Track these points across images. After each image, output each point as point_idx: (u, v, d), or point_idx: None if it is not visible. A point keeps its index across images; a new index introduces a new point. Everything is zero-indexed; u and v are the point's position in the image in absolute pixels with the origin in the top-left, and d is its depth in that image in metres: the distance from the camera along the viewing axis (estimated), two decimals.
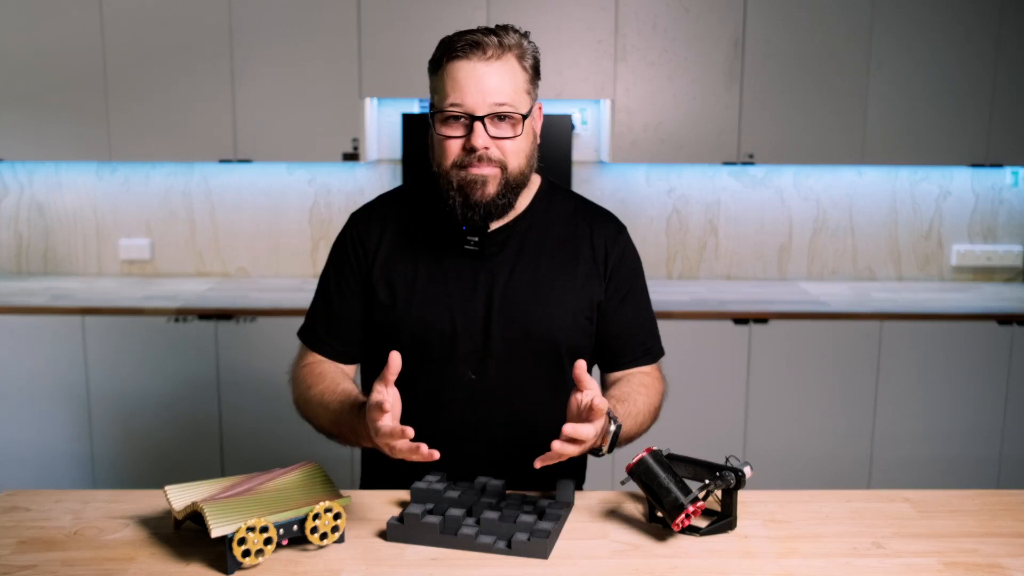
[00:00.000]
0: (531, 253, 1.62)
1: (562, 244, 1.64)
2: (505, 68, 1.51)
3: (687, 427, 3.23)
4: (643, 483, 1.44)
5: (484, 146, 1.50)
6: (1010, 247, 3.79)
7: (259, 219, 3.73)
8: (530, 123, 1.57)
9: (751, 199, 3.74)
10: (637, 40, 3.36)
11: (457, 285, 1.61)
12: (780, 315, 3.24)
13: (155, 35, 3.33)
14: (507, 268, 1.61)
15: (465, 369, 1.60)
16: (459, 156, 1.52)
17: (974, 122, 3.40)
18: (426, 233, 1.64)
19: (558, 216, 1.66)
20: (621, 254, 1.67)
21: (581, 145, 3.68)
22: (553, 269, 1.62)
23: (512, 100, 1.51)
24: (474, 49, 1.49)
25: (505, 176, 1.53)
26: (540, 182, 1.69)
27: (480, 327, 1.60)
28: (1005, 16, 3.34)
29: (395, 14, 3.31)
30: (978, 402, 3.28)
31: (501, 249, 1.61)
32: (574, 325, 1.63)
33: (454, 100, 1.49)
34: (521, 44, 1.54)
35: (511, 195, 1.56)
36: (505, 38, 1.52)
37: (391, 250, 1.64)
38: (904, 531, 1.46)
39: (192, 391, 3.24)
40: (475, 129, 1.49)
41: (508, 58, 1.52)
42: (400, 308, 1.61)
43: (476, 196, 1.52)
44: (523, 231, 1.63)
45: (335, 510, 1.38)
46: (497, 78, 1.50)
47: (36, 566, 1.33)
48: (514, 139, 1.52)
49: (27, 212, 3.73)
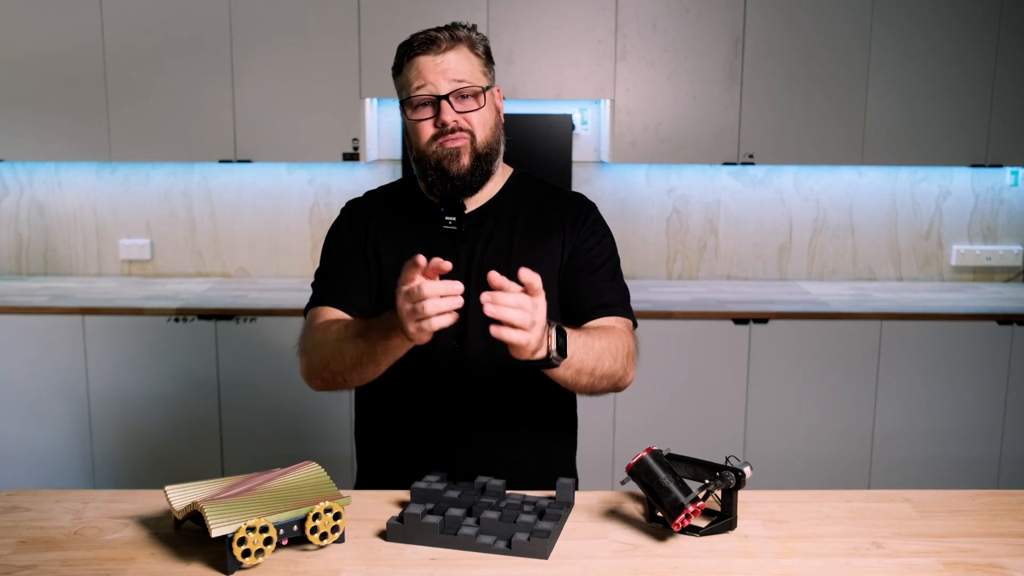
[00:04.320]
0: (504, 230, 1.74)
1: (533, 221, 1.76)
2: (459, 55, 1.66)
3: (687, 427, 3.24)
4: (643, 483, 1.44)
5: (453, 120, 1.64)
6: (1010, 247, 3.79)
7: (259, 219, 3.73)
8: (491, 99, 1.70)
9: (751, 199, 3.74)
10: (637, 40, 3.36)
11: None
12: (780, 315, 3.24)
13: (155, 35, 3.33)
14: (482, 243, 1.72)
15: (448, 337, 1.67)
16: (432, 133, 1.66)
17: (974, 122, 3.40)
18: (411, 219, 1.76)
19: (529, 198, 1.78)
20: (585, 220, 1.77)
21: (581, 145, 3.68)
22: (525, 242, 1.73)
23: (470, 78, 1.66)
24: (429, 45, 1.64)
25: (475, 146, 1.66)
26: (513, 171, 1.82)
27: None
28: (1005, 16, 3.34)
29: (395, 14, 3.31)
30: (978, 402, 3.28)
31: (476, 228, 1.73)
32: (547, 295, 1.64)
33: (418, 85, 1.65)
34: (471, 36, 1.69)
35: (483, 165, 1.68)
36: (455, 32, 1.67)
37: (379, 233, 1.76)
38: (904, 531, 1.46)
39: (192, 391, 3.24)
40: (442, 107, 1.64)
41: (460, 47, 1.66)
42: (387, 284, 1.71)
43: (452, 170, 1.66)
44: (496, 212, 1.75)
45: (335, 510, 1.38)
46: (454, 62, 1.65)
47: (36, 566, 1.33)
48: (478, 111, 1.66)
49: (27, 212, 3.73)
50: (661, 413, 3.21)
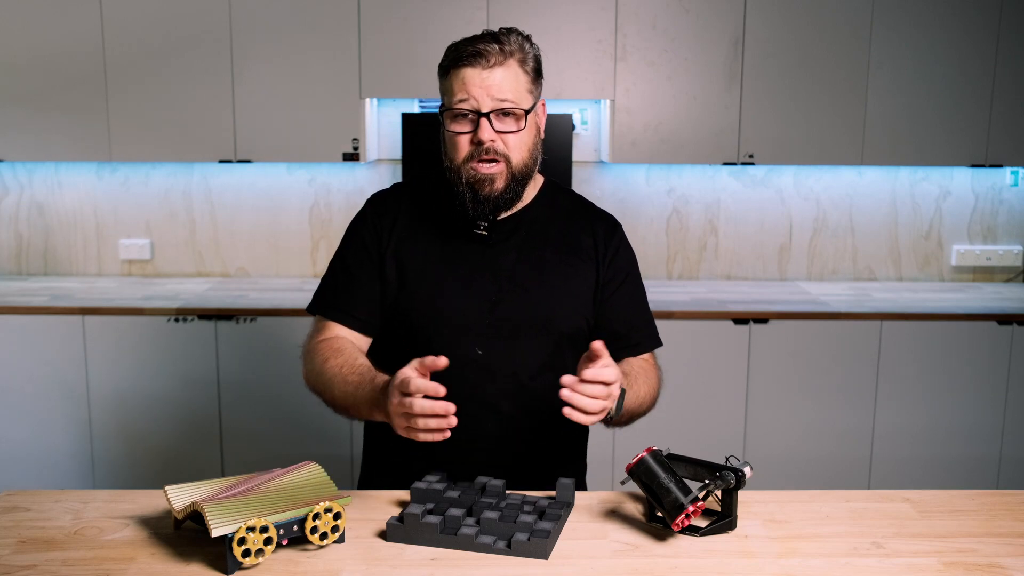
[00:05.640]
0: (535, 241, 1.73)
1: (563, 235, 1.75)
2: (507, 71, 1.61)
3: (687, 427, 3.24)
4: (643, 483, 1.44)
5: (491, 139, 1.61)
6: (1010, 247, 3.79)
7: (259, 219, 3.73)
8: (533, 118, 1.67)
9: (751, 199, 3.74)
10: (637, 40, 3.36)
11: (466, 267, 1.70)
12: (780, 315, 3.24)
13: (155, 35, 3.33)
14: (513, 253, 1.71)
15: (472, 346, 1.67)
16: (468, 150, 1.63)
17: (974, 122, 3.40)
18: (438, 219, 1.74)
19: (560, 211, 1.78)
20: (617, 247, 1.78)
21: (581, 145, 3.68)
22: (555, 257, 1.73)
23: (514, 97, 1.62)
24: (478, 58, 1.60)
25: (510, 170, 1.64)
26: (544, 180, 1.81)
27: (488, 306, 1.68)
28: (1005, 16, 3.34)
29: (395, 14, 3.31)
30: (978, 402, 3.28)
31: (507, 236, 1.72)
32: (573, 309, 1.73)
33: (461, 98, 1.61)
34: (523, 47, 1.64)
35: (517, 188, 1.67)
36: (507, 44, 1.62)
37: (405, 232, 1.73)
38: (904, 531, 1.46)
39: (192, 391, 3.24)
40: (481, 124, 1.60)
41: (510, 63, 1.62)
42: (411, 287, 1.70)
43: (485, 192, 1.64)
44: (528, 222, 1.74)
45: (335, 510, 1.38)
46: (500, 79, 1.60)
47: (36, 566, 1.33)
48: (518, 133, 1.63)
49: (27, 212, 3.73)
50: (661, 413, 3.20)
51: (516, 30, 1.64)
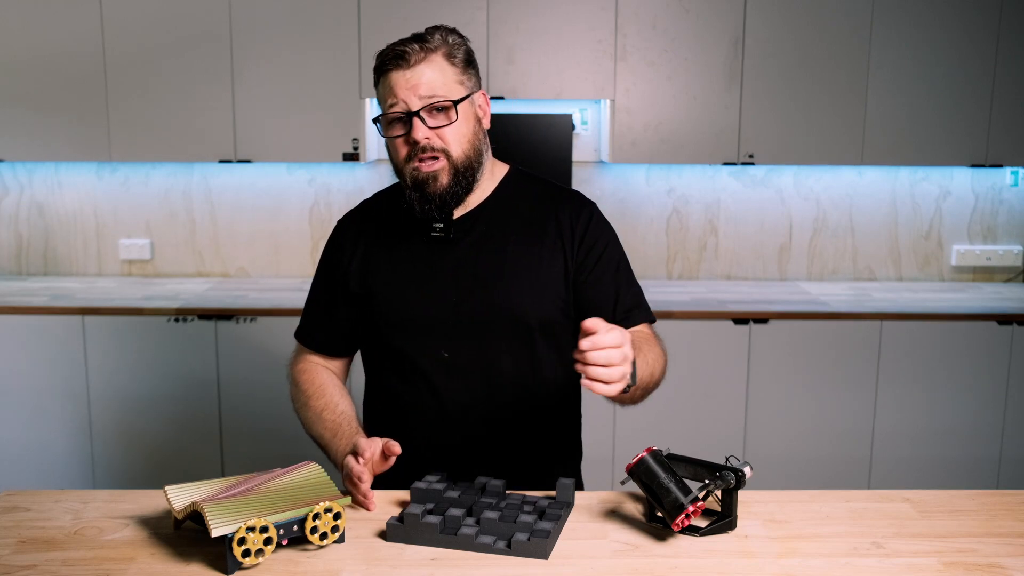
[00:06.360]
0: (496, 235, 1.70)
1: (527, 224, 1.71)
2: (431, 67, 1.60)
3: (687, 427, 3.24)
4: (643, 483, 1.44)
5: (424, 137, 1.59)
6: (1010, 247, 3.79)
7: (259, 219, 3.73)
8: (470, 109, 1.64)
9: (751, 199, 3.74)
10: (637, 40, 3.36)
11: (426, 270, 1.70)
12: (780, 315, 3.24)
13: (155, 35, 3.33)
14: (473, 250, 1.69)
15: (438, 349, 1.67)
16: (407, 151, 1.62)
17: (974, 122, 3.40)
18: (401, 227, 1.74)
19: (523, 199, 1.74)
20: (587, 226, 1.72)
21: (581, 145, 3.68)
22: (518, 247, 1.69)
23: (443, 92, 1.60)
24: (399, 60, 1.59)
25: (452, 164, 1.62)
26: (508, 170, 1.77)
27: (450, 307, 1.68)
28: (1005, 16, 3.34)
29: (395, 14, 3.31)
30: (978, 402, 3.28)
31: (466, 234, 1.70)
32: (542, 300, 1.69)
33: (391, 102, 1.60)
34: (447, 41, 1.63)
35: (464, 181, 1.64)
36: (429, 41, 1.61)
37: (371, 246, 1.75)
38: (904, 531, 1.46)
39: (192, 391, 3.24)
40: (414, 124, 1.59)
41: (433, 58, 1.61)
42: (378, 297, 1.72)
43: (430, 190, 1.62)
44: (487, 216, 1.71)
45: (335, 510, 1.38)
46: (425, 76, 1.59)
47: (36, 566, 1.33)
48: (452, 125, 1.61)
49: (27, 212, 3.73)
50: (661, 413, 3.21)
51: (442, 26, 1.64)
